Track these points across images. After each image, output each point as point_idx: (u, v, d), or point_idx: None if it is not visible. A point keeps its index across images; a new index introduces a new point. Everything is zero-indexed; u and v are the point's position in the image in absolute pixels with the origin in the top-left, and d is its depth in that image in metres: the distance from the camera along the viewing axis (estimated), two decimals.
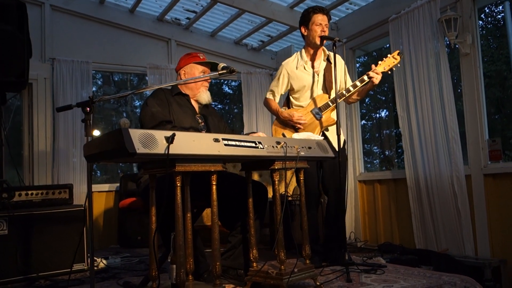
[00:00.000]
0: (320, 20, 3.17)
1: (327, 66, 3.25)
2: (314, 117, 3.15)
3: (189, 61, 2.80)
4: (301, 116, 3.12)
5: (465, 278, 2.52)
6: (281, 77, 3.28)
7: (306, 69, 3.24)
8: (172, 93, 2.72)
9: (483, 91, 3.84)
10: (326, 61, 3.27)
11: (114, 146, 1.68)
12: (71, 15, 5.25)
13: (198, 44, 5.85)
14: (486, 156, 3.76)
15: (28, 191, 3.19)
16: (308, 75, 3.23)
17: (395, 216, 4.63)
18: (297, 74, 3.24)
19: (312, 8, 3.24)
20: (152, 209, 1.95)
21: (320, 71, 3.24)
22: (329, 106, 3.14)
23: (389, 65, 3.12)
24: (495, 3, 4.82)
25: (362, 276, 2.61)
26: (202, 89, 2.77)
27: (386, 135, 6.63)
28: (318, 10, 3.22)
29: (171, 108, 2.62)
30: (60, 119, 4.95)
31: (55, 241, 3.12)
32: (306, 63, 3.25)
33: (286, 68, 3.28)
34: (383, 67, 3.10)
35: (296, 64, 3.27)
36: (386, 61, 3.13)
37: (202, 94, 2.77)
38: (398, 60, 3.14)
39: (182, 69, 2.80)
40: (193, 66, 2.78)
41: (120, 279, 2.90)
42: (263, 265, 2.21)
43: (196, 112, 2.75)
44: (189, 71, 2.78)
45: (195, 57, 2.82)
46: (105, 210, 5.25)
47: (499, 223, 3.68)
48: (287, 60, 3.34)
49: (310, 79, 3.22)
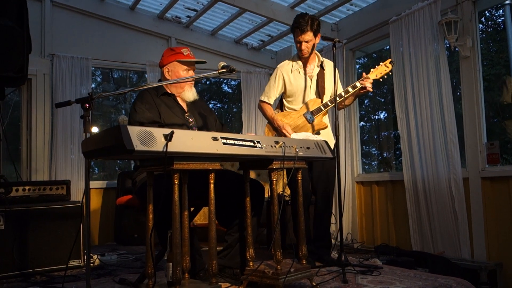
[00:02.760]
0: (300, 38, 3.15)
1: (320, 71, 3.30)
2: (306, 120, 3.21)
3: (171, 58, 2.67)
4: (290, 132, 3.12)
5: (461, 281, 2.53)
6: (276, 79, 3.31)
7: (300, 73, 3.28)
8: (158, 94, 2.61)
9: (482, 94, 3.85)
10: (319, 67, 3.31)
11: (113, 143, 1.68)
12: (71, 11, 5.24)
13: (198, 42, 5.85)
14: (484, 159, 3.77)
15: (25, 186, 3.19)
16: (302, 79, 3.27)
17: (392, 218, 4.64)
18: (291, 77, 3.28)
19: (295, 23, 3.14)
20: (149, 207, 1.95)
21: (313, 76, 3.29)
22: (321, 110, 3.20)
23: (381, 72, 3.21)
24: (496, 7, 4.83)
25: (358, 277, 2.62)
26: (187, 87, 2.67)
27: (384, 137, 6.63)
28: (298, 28, 3.11)
29: (160, 109, 2.55)
30: (58, 115, 4.94)
31: (52, 237, 3.12)
32: (300, 67, 3.29)
33: (282, 70, 3.31)
34: (375, 75, 3.20)
35: (290, 67, 3.30)
36: (378, 69, 3.21)
37: (186, 92, 2.67)
38: (390, 68, 3.22)
39: (165, 67, 2.68)
40: (176, 64, 2.66)
41: (116, 276, 2.90)
42: (260, 265, 2.21)
43: (185, 111, 2.68)
44: (172, 68, 2.66)
45: (178, 54, 2.67)
46: (102, 207, 5.25)
47: (495, 226, 3.69)
48: (282, 63, 3.37)
49: (303, 83, 3.27)
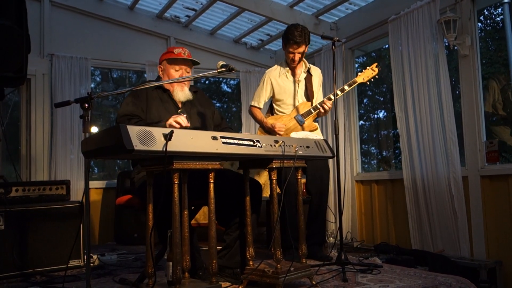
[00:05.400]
0: (292, 49, 3.26)
1: (307, 76, 3.43)
2: (297, 122, 3.33)
3: (162, 57, 2.71)
4: (282, 126, 3.25)
5: (461, 279, 2.53)
6: (265, 84, 3.45)
7: (287, 78, 3.41)
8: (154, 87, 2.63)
9: (481, 93, 3.85)
10: (306, 73, 3.44)
11: (112, 143, 1.68)
12: (70, 11, 5.24)
13: (197, 42, 5.85)
14: (483, 157, 3.77)
15: (25, 186, 3.18)
16: (290, 83, 3.41)
17: (391, 217, 4.64)
18: (279, 81, 3.41)
19: (290, 35, 3.20)
20: (149, 206, 1.95)
21: (301, 80, 3.42)
22: (311, 113, 3.32)
23: (368, 76, 3.37)
24: (494, 5, 4.83)
25: (358, 276, 2.62)
26: (177, 87, 2.64)
27: (383, 135, 6.64)
28: (293, 41, 3.20)
29: (151, 103, 2.56)
30: (58, 115, 4.94)
31: (52, 237, 3.11)
32: (288, 71, 3.41)
33: (270, 75, 3.45)
34: (362, 78, 3.36)
35: (278, 72, 3.44)
36: (365, 73, 3.37)
37: (176, 92, 2.65)
38: (376, 72, 3.37)
39: (159, 66, 2.74)
40: (165, 63, 2.69)
41: (116, 276, 2.89)
42: (260, 264, 2.21)
43: (179, 107, 2.67)
44: (164, 68, 2.70)
45: (169, 53, 2.69)
46: (102, 207, 5.25)
47: (495, 224, 3.69)
48: (270, 69, 3.51)
49: (291, 86, 3.40)
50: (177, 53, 2.66)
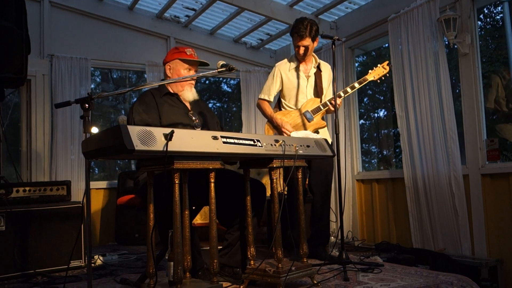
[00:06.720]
0: (298, 43, 3.24)
1: (317, 72, 3.37)
2: (306, 119, 3.27)
3: (174, 56, 2.71)
4: (289, 129, 3.18)
5: (462, 278, 2.53)
6: (275, 76, 3.38)
7: (297, 72, 3.36)
8: (161, 94, 2.66)
9: (481, 91, 3.85)
10: (316, 68, 3.39)
11: (113, 143, 1.68)
12: (70, 12, 5.23)
13: (197, 42, 5.84)
14: (484, 156, 3.77)
15: (25, 187, 3.18)
16: (299, 78, 3.35)
17: (392, 215, 4.64)
18: (289, 75, 3.36)
19: (295, 28, 3.21)
20: (150, 206, 1.95)
21: (310, 76, 3.36)
22: (320, 109, 3.27)
23: (379, 74, 3.34)
24: (494, 4, 4.82)
25: (359, 275, 2.62)
26: (187, 87, 2.69)
27: (384, 134, 6.63)
28: (297, 33, 3.20)
29: (161, 109, 2.57)
30: (58, 116, 4.94)
31: (53, 238, 3.11)
32: (298, 66, 3.36)
33: (280, 68, 3.39)
34: (373, 76, 3.32)
35: (288, 66, 3.38)
36: (376, 70, 3.34)
37: (186, 92, 2.69)
38: (387, 70, 3.34)
39: (167, 64, 2.73)
40: (178, 62, 2.70)
41: (118, 276, 2.89)
42: (261, 263, 2.21)
43: (189, 110, 2.70)
44: (174, 66, 2.70)
45: (181, 53, 2.72)
46: (103, 207, 5.25)
47: (496, 223, 3.69)
48: (280, 62, 3.45)
49: (301, 82, 3.34)
50: (189, 54, 2.71)
